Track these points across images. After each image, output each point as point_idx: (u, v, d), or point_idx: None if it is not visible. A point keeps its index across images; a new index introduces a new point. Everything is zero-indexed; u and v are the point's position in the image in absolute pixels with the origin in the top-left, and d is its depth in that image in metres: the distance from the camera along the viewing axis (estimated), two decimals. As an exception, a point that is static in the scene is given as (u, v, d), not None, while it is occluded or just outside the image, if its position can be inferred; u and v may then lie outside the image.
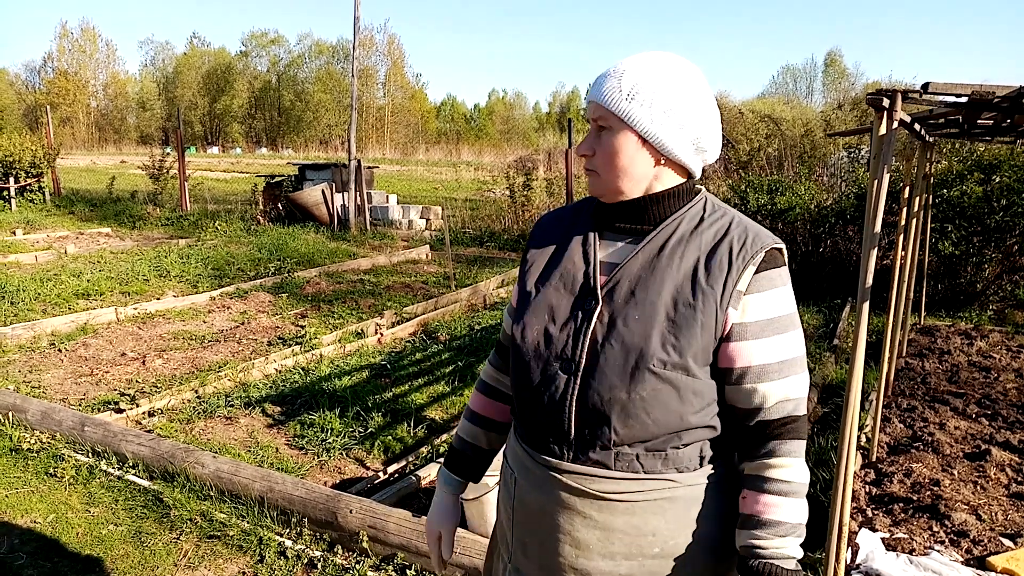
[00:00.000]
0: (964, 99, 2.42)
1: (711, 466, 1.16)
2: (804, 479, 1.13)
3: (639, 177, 1.15)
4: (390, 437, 4.04)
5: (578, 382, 1.12)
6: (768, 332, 1.10)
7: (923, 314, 6.75)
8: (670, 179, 1.17)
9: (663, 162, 1.16)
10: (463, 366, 5.24)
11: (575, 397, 1.12)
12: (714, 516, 1.16)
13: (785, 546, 1.10)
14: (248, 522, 3.02)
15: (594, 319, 1.13)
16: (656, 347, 1.08)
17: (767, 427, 1.12)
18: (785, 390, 1.11)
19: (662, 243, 1.15)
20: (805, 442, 1.15)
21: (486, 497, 2.77)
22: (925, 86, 2.24)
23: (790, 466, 1.12)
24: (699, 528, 1.15)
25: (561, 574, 1.19)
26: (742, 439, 1.15)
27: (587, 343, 1.13)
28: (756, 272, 1.10)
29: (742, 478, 1.16)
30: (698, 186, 1.23)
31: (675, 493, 1.13)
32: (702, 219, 1.16)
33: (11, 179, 14.17)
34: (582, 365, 1.12)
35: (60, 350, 5.55)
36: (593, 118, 1.16)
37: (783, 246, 1.15)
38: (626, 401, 1.09)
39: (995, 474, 3.50)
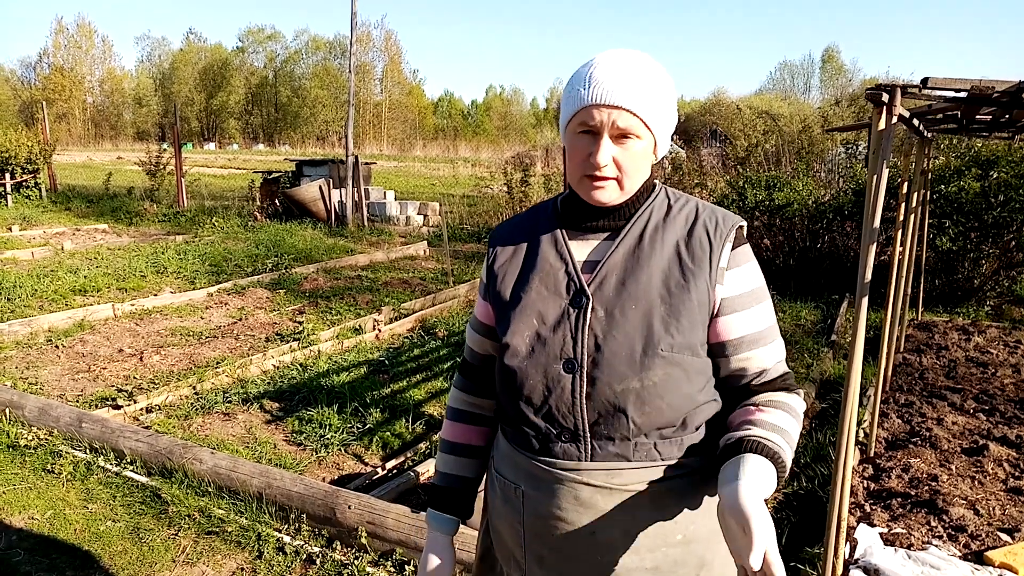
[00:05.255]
0: (963, 94, 2.41)
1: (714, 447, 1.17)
2: (799, 404, 1.15)
3: (644, 178, 1.17)
4: (388, 433, 4.04)
5: (584, 379, 1.11)
6: (751, 303, 1.15)
7: (921, 310, 6.76)
8: (648, 174, 1.18)
9: (653, 161, 1.18)
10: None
11: (583, 395, 1.11)
12: None
13: (775, 440, 1.04)
14: (246, 518, 3.02)
15: (589, 315, 1.12)
16: (660, 331, 1.09)
17: (769, 385, 1.16)
18: (776, 353, 1.17)
19: (639, 234, 1.16)
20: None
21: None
22: (924, 81, 2.24)
23: (785, 392, 1.15)
24: (713, 509, 1.15)
25: None
26: (743, 400, 1.16)
27: (586, 339, 1.12)
28: (732, 249, 1.15)
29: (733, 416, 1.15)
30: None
31: (691, 477, 1.14)
32: (669, 207, 1.19)
33: (7, 175, 14.14)
34: (585, 362, 1.11)
35: (57, 346, 5.53)
36: (621, 127, 1.07)
37: (745, 223, 1.20)
38: (640, 389, 1.09)
39: (993, 469, 3.51)
